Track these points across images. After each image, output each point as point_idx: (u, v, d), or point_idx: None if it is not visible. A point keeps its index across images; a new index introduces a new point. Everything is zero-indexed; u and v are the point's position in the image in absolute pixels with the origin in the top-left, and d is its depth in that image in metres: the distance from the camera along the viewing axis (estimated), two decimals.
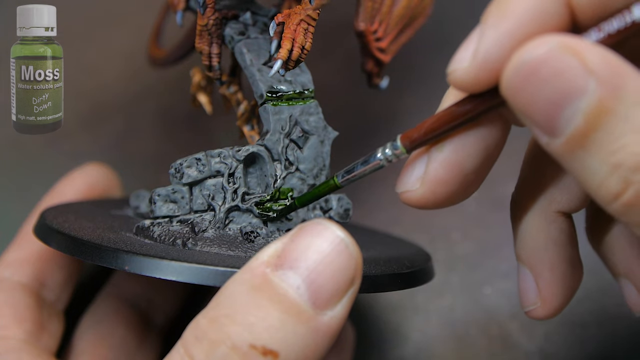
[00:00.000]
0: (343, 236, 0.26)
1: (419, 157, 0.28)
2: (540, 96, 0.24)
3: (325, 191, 0.30)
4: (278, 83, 0.33)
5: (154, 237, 0.31)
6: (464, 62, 0.26)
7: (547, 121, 0.24)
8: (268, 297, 0.26)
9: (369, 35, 0.36)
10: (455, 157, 0.27)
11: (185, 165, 0.32)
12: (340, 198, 0.34)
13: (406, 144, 0.28)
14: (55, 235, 0.31)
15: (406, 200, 0.29)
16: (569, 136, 0.24)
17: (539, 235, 0.30)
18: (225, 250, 0.31)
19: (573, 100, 0.23)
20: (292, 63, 0.32)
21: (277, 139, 0.32)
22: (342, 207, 0.34)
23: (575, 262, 0.31)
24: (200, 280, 0.28)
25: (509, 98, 0.24)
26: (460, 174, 0.28)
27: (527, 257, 0.31)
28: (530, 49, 0.24)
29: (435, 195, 0.28)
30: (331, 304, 0.26)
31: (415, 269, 0.32)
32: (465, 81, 0.26)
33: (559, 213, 0.30)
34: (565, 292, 0.31)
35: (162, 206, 0.32)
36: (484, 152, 0.28)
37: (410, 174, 0.28)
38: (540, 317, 0.31)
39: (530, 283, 0.31)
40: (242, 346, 0.25)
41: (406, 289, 0.42)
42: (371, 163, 0.29)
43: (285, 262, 0.26)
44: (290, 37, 0.32)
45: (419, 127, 0.28)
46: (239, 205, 0.32)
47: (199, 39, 0.34)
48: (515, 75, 0.24)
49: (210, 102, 0.37)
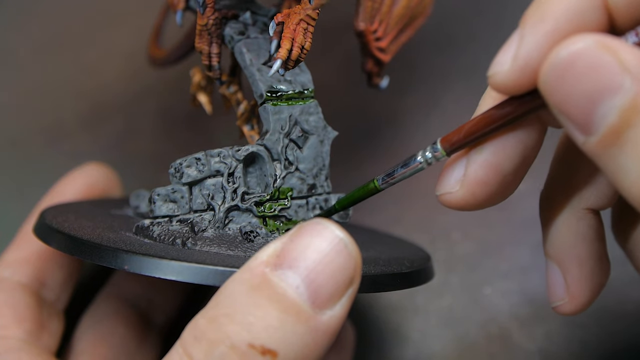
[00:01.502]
0: (342, 236, 0.26)
1: (458, 159, 0.29)
2: (575, 92, 0.24)
3: (365, 194, 0.31)
4: (278, 83, 0.33)
5: (154, 236, 0.31)
6: (505, 65, 0.26)
7: (582, 118, 0.24)
8: (267, 297, 0.26)
9: (369, 35, 0.36)
10: (494, 159, 0.28)
11: (185, 165, 0.32)
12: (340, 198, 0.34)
13: (446, 146, 0.28)
14: (55, 235, 0.31)
15: (446, 202, 0.29)
16: (603, 133, 0.24)
17: (567, 231, 0.31)
18: (224, 249, 0.31)
19: (608, 96, 0.24)
20: (292, 63, 0.32)
21: (276, 138, 0.32)
22: None
23: (603, 258, 0.31)
24: (199, 279, 0.28)
25: (546, 94, 0.25)
26: (499, 175, 0.28)
27: (555, 253, 0.31)
28: (567, 45, 0.24)
29: (475, 197, 0.28)
30: (330, 303, 0.26)
31: (415, 269, 0.32)
32: (506, 84, 0.26)
33: (587, 210, 0.31)
34: (593, 287, 0.31)
35: (161, 206, 0.32)
36: (522, 154, 0.28)
37: (450, 176, 0.29)
38: (568, 313, 0.31)
39: (559, 279, 0.31)
40: (241, 345, 0.25)
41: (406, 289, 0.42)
42: (411, 166, 0.29)
43: (285, 262, 0.26)
44: (290, 36, 0.32)
45: (459, 130, 0.28)
46: (239, 205, 0.32)
47: (198, 38, 0.34)
48: (552, 70, 0.24)
49: (210, 102, 0.37)
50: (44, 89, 0.52)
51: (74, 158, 0.45)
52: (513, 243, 0.43)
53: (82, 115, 0.50)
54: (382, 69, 0.37)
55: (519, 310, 0.41)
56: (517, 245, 0.43)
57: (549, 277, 0.31)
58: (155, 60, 0.43)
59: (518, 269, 0.42)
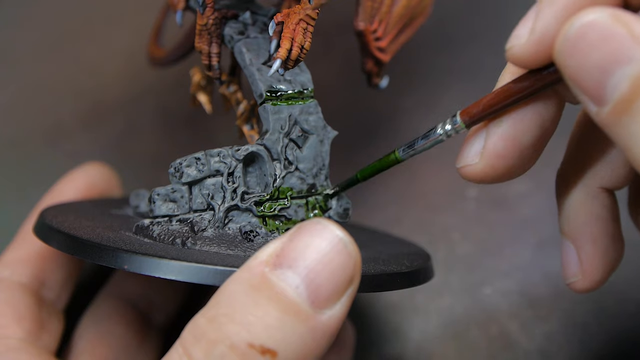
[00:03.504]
0: (342, 235, 0.26)
1: (478, 132, 0.29)
2: (588, 62, 0.24)
3: (386, 165, 0.32)
4: (277, 82, 0.33)
5: (153, 236, 0.31)
6: (522, 39, 0.26)
7: (595, 88, 0.25)
8: (267, 297, 0.26)
9: (369, 34, 0.36)
10: (513, 132, 0.28)
11: (184, 165, 0.32)
12: (340, 198, 0.34)
13: (465, 119, 0.29)
14: (54, 235, 0.31)
15: (466, 175, 0.29)
16: (615, 103, 0.24)
17: (582, 209, 0.31)
18: (224, 249, 0.31)
19: (620, 66, 0.24)
20: (292, 62, 0.32)
21: (276, 138, 0.32)
22: (342, 207, 0.34)
23: (616, 238, 0.32)
24: (199, 279, 0.28)
25: (560, 65, 0.25)
26: (518, 147, 0.28)
27: (570, 230, 0.31)
28: (581, 17, 0.24)
29: (494, 169, 0.29)
30: (330, 303, 0.26)
31: (414, 269, 0.32)
32: (523, 57, 0.27)
33: (602, 189, 0.31)
34: (606, 265, 0.31)
35: (161, 205, 0.32)
36: (540, 127, 0.29)
37: (469, 149, 0.29)
38: (581, 290, 0.31)
39: (573, 256, 0.31)
40: (241, 345, 0.25)
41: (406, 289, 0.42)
42: (431, 138, 0.30)
43: (284, 262, 0.26)
44: (290, 36, 0.32)
45: (478, 102, 0.29)
46: (239, 205, 0.32)
47: (198, 38, 0.33)
48: (565, 41, 0.25)
49: (210, 102, 0.37)
50: (43, 89, 0.52)
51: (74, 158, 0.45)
52: (513, 243, 0.43)
53: (82, 115, 0.50)
54: (381, 69, 0.37)
55: (519, 310, 0.41)
56: (517, 245, 0.43)
57: (564, 255, 0.31)
58: (155, 59, 0.43)
59: (518, 269, 0.42)
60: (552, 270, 0.42)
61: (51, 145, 0.49)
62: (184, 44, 0.40)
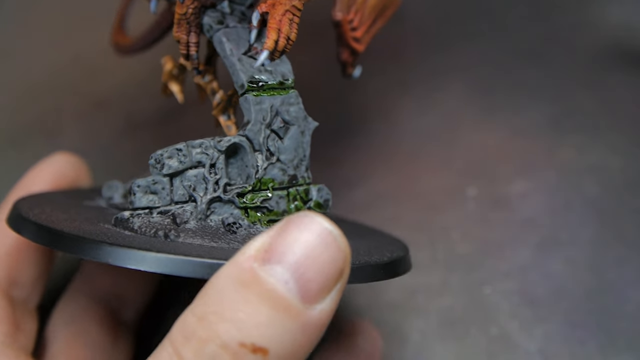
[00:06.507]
0: (331, 228, 0.26)
1: None
2: None
3: None
4: (259, 73, 0.32)
5: (134, 228, 0.31)
6: None
7: None
8: (256, 293, 0.25)
9: (346, 24, 0.36)
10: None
11: (166, 156, 0.31)
12: (320, 189, 0.33)
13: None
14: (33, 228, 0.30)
15: None
16: None
17: None
18: (208, 241, 0.30)
19: None
20: (278, 53, 0.32)
21: (258, 129, 0.32)
22: (322, 198, 0.33)
23: None
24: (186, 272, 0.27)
25: None
26: None
27: None
28: None
29: None
30: (320, 297, 0.26)
31: (396, 258, 0.32)
32: None
33: None
34: None
35: (141, 197, 0.31)
36: None
37: None
38: None
39: None
40: (232, 344, 0.25)
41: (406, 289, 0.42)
42: None
43: (273, 257, 0.26)
44: (276, 27, 0.31)
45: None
46: (221, 196, 0.31)
47: (177, 27, 0.33)
48: None
49: (182, 91, 0.36)
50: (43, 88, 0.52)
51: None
52: (513, 243, 0.43)
53: (82, 115, 0.50)
54: (356, 59, 0.37)
55: (519, 310, 0.41)
56: (517, 245, 0.43)
57: None
58: (121, 47, 0.43)
59: (518, 269, 0.42)
60: (552, 270, 0.42)
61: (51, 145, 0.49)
62: (153, 32, 0.40)
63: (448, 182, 0.46)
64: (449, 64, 0.50)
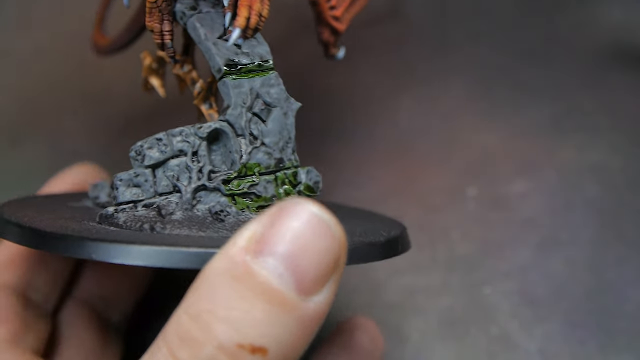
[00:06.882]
0: (325, 216, 0.25)
1: None
2: None
3: None
4: (235, 56, 0.32)
5: (119, 223, 0.30)
6: None
7: None
8: (251, 288, 0.24)
9: (323, 3, 0.35)
10: None
11: (146, 147, 0.31)
12: (309, 171, 0.32)
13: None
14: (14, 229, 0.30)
15: None
16: None
17: None
18: (195, 231, 0.29)
19: None
20: (250, 31, 0.31)
21: (239, 113, 0.31)
22: (312, 180, 0.32)
23: None
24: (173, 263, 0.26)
25: None
26: None
27: None
28: None
29: None
30: (316, 288, 0.25)
31: (392, 237, 0.31)
32: None
33: None
34: None
35: (124, 191, 0.30)
36: None
37: None
38: None
39: None
40: (229, 346, 0.24)
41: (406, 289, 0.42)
42: None
43: (265, 248, 0.25)
44: (247, 4, 0.31)
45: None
46: (206, 184, 0.31)
47: (149, 16, 0.32)
48: None
49: (163, 85, 0.36)
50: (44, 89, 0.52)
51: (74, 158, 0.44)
52: (513, 243, 0.43)
53: (81, 115, 0.50)
54: (337, 39, 0.37)
55: (519, 310, 0.41)
56: (517, 245, 0.43)
57: None
58: (100, 48, 0.42)
59: (518, 269, 0.42)
60: (552, 270, 0.42)
61: (51, 145, 0.49)
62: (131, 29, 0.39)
63: (448, 182, 0.46)
64: (449, 64, 0.50)
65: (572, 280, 0.42)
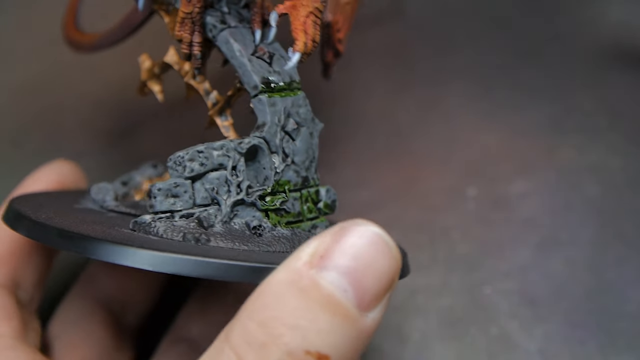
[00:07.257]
0: (386, 237, 0.26)
1: None
2: None
3: None
4: (269, 74, 0.32)
5: (159, 233, 0.30)
6: None
7: None
8: (316, 300, 0.25)
9: (335, 25, 0.35)
10: None
11: (187, 158, 0.31)
12: (328, 190, 0.33)
13: None
14: (53, 233, 0.29)
15: None
16: None
17: None
18: (238, 245, 0.30)
19: None
20: (306, 56, 0.32)
21: (275, 131, 0.32)
22: (330, 199, 0.33)
23: None
24: (232, 277, 0.27)
25: None
26: None
27: None
28: None
29: None
30: (373, 305, 0.26)
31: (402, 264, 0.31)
32: None
33: None
34: None
35: (162, 201, 0.30)
36: None
37: None
38: None
39: None
40: (298, 352, 0.25)
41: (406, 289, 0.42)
42: None
43: (330, 263, 0.26)
44: (302, 29, 0.31)
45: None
46: (244, 199, 0.31)
47: (180, 26, 0.33)
48: None
49: (162, 91, 0.36)
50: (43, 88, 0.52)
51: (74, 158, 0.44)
52: (513, 243, 0.43)
53: (82, 115, 0.50)
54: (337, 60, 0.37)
55: (519, 310, 0.41)
56: (517, 245, 0.43)
57: None
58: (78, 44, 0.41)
59: (518, 269, 0.42)
60: (552, 270, 0.42)
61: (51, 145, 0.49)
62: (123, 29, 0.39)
63: (448, 182, 0.46)
64: (449, 64, 0.50)
65: (572, 280, 0.42)
